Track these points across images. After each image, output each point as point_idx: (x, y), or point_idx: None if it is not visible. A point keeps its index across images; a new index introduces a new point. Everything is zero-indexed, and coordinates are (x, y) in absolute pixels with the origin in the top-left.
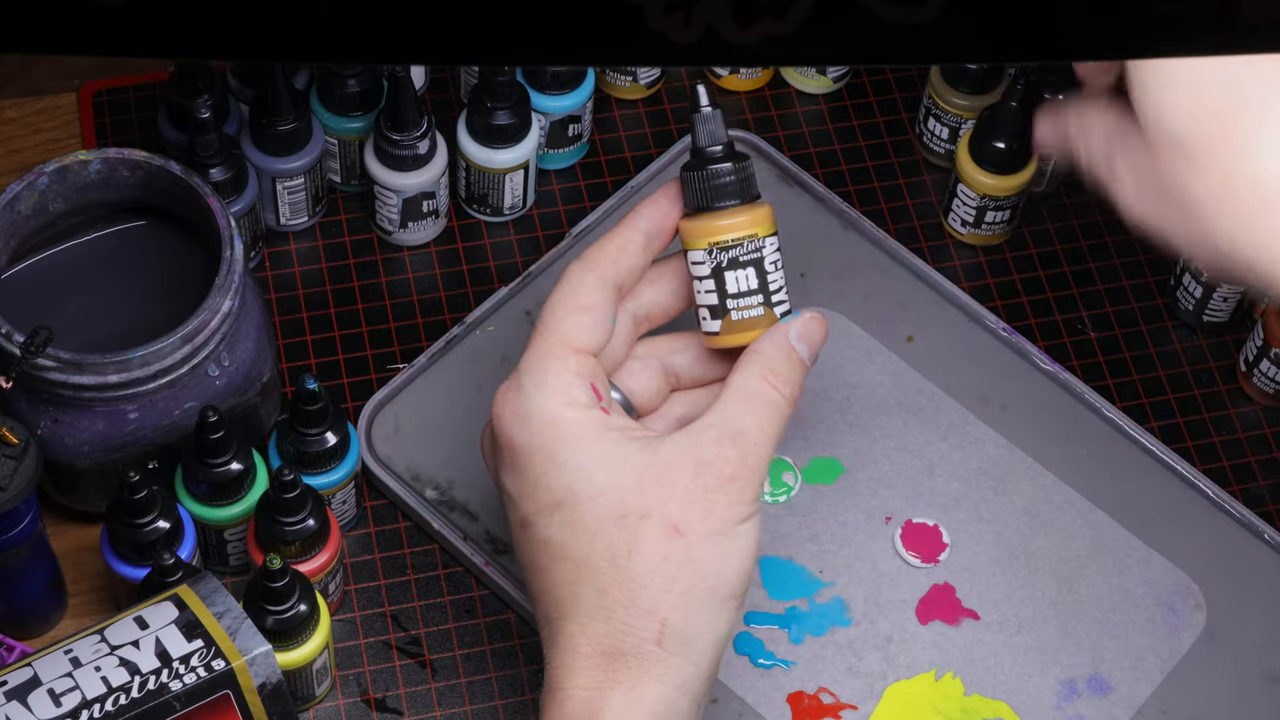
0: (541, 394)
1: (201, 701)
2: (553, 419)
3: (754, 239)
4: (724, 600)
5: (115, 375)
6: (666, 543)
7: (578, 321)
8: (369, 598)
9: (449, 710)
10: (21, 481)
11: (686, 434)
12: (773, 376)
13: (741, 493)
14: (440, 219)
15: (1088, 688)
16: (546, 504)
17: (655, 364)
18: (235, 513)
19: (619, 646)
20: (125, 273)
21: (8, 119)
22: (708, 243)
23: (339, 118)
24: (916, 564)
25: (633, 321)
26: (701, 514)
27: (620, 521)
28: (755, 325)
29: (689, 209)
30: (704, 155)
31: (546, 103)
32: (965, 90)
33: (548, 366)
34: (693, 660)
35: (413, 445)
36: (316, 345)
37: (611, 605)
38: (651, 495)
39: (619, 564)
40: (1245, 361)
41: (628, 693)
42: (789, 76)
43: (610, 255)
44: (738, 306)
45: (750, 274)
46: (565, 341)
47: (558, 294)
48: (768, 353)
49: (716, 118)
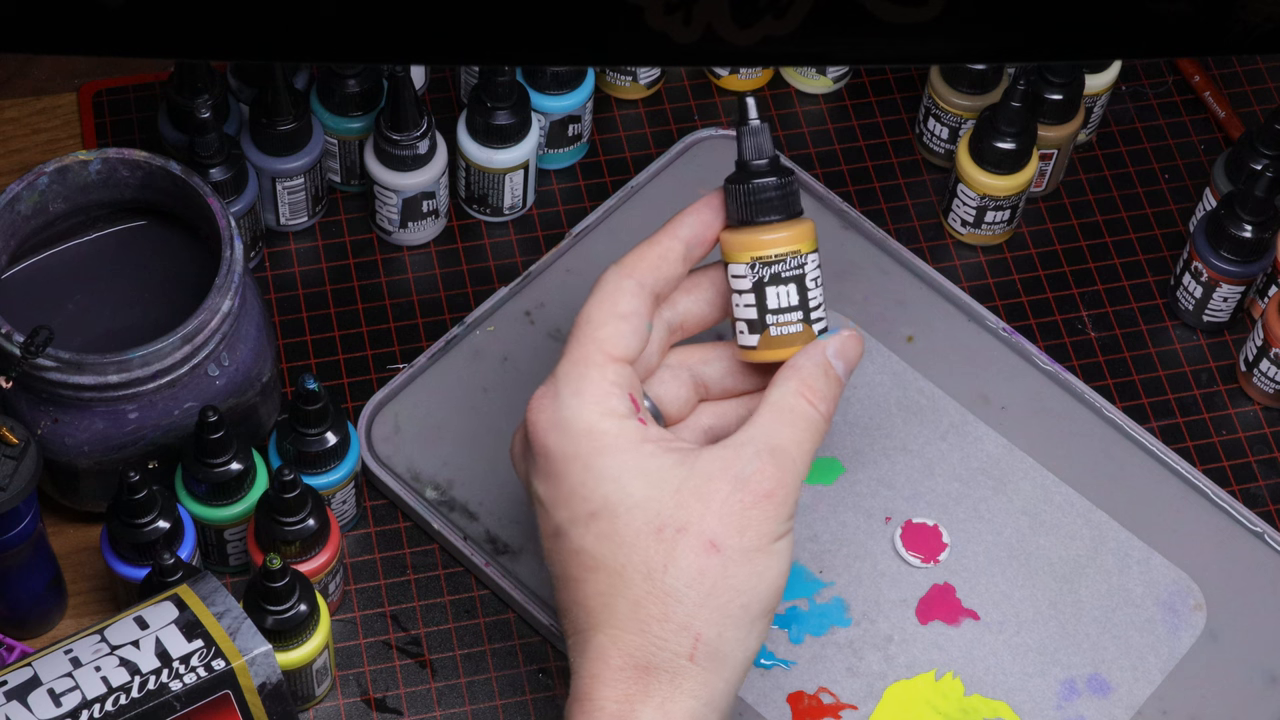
0: (579, 402)
1: (201, 701)
2: (589, 428)
3: (797, 255)
4: (757, 618)
5: (115, 375)
6: (703, 557)
7: (616, 329)
8: (369, 598)
9: (449, 710)
10: (21, 481)
11: (724, 448)
12: (811, 393)
13: (779, 509)
14: (440, 219)
15: (1088, 688)
16: (582, 514)
17: (686, 374)
18: (235, 513)
19: (652, 660)
20: (125, 273)
21: (8, 119)
22: (750, 256)
23: (339, 118)
24: (916, 564)
25: (667, 330)
26: (739, 529)
27: (657, 535)
28: (793, 342)
29: (732, 221)
30: (749, 169)
31: (546, 103)
32: (965, 90)
33: (585, 374)
34: (723, 676)
35: (413, 445)
36: (316, 345)
37: (645, 619)
38: (689, 509)
39: (654, 578)
40: (1245, 361)
41: (659, 707)
42: (789, 76)
43: (650, 262)
44: (777, 322)
45: (792, 290)
46: (603, 349)
47: (595, 300)
48: (806, 369)
49: (764, 131)
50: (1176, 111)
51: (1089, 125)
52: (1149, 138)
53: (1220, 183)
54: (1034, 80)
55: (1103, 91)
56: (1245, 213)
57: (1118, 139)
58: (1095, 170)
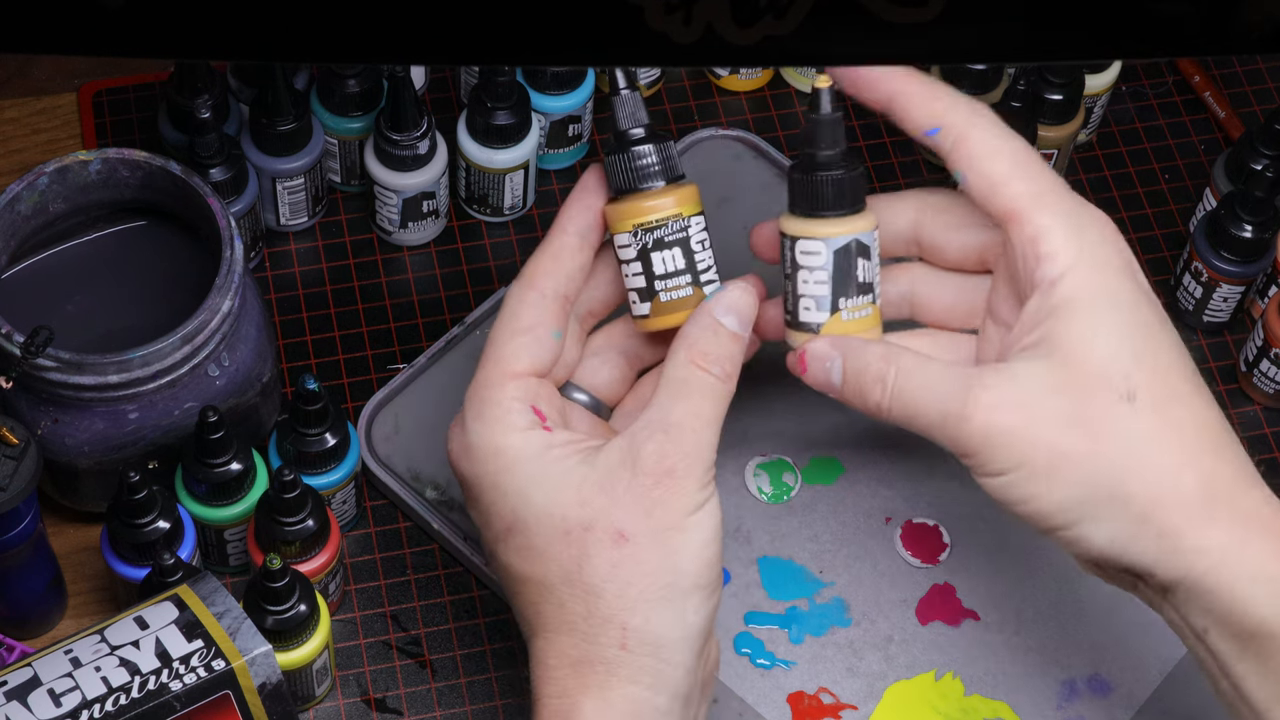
0: (480, 425)
1: (201, 701)
2: (494, 449)
3: (679, 219)
4: (686, 593)
5: (115, 375)
6: (613, 550)
7: (516, 345)
8: (369, 598)
9: (449, 710)
10: (21, 481)
11: (622, 437)
12: (701, 359)
13: (682, 484)
14: (440, 219)
15: (1088, 688)
16: (500, 531)
17: (613, 355)
18: (235, 513)
19: (585, 655)
20: (125, 273)
21: (8, 119)
22: (632, 224)
23: (339, 118)
24: (916, 564)
25: (577, 322)
26: (644, 513)
27: (565, 538)
28: (684, 305)
29: (612, 193)
30: (625, 137)
31: (546, 103)
32: (965, 90)
33: (485, 396)
34: (663, 658)
35: (413, 445)
36: (316, 345)
37: (572, 619)
38: (593, 505)
39: (572, 579)
40: (1245, 361)
41: (598, 695)
42: (789, 76)
43: (545, 267)
44: (665, 288)
45: (677, 254)
46: (502, 369)
47: (498, 320)
48: (692, 334)
49: (635, 99)
50: (1176, 111)
51: (1089, 125)
52: (1149, 138)
53: (1220, 183)
54: (1034, 80)
55: (1103, 91)
56: (1245, 213)
57: (1118, 139)
58: (1095, 170)
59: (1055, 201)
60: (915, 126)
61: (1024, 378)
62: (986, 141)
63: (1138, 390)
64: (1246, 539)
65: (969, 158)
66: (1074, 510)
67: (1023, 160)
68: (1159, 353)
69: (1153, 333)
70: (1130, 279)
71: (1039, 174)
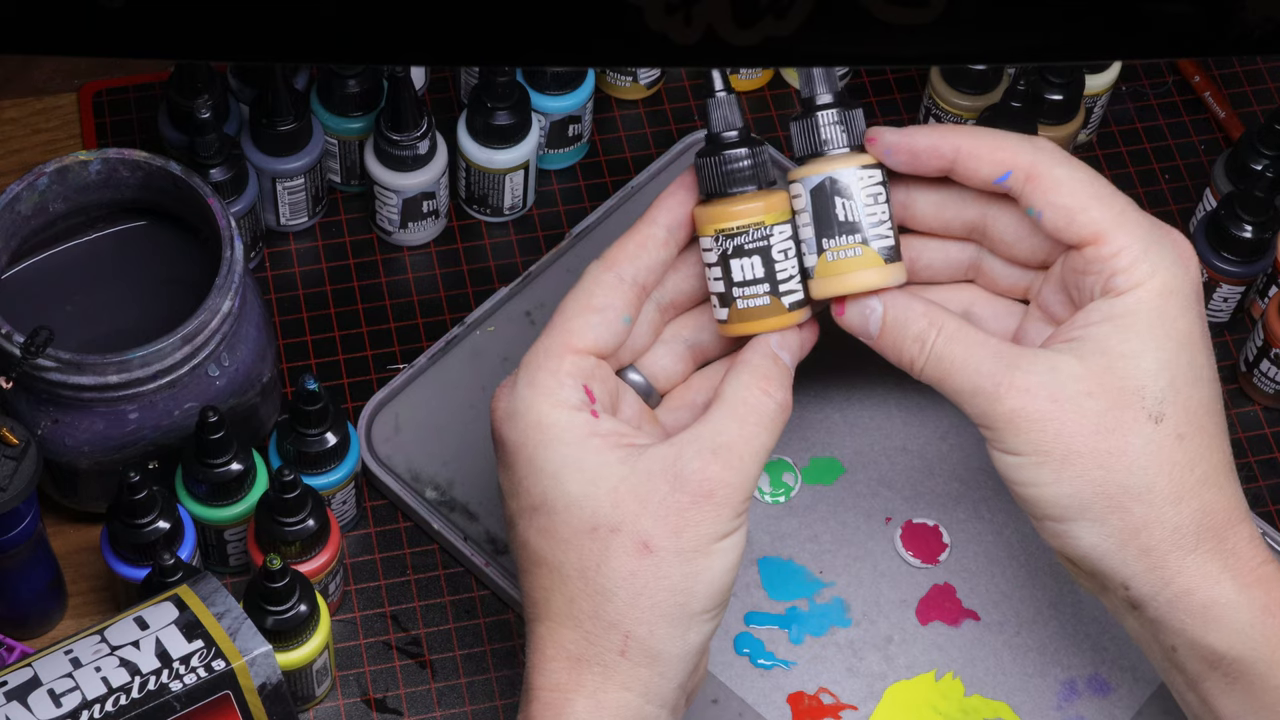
0: (531, 393)
1: (202, 702)
2: (538, 420)
3: (760, 227)
4: (694, 615)
5: (115, 375)
6: (635, 559)
7: (585, 322)
8: (369, 598)
9: (449, 710)
10: (21, 481)
11: (670, 445)
12: (766, 382)
13: (719, 510)
14: (440, 219)
15: (1088, 688)
16: (526, 506)
17: (680, 345)
18: (235, 513)
19: (585, 654)
20: (125, 273)
21: (8, 119)
22: (714, 229)
23: (339, 118)
24: (916, 564)
25: (657, 309)
26: (675, 530)
27: (591, 534)
28: (762, 315)
29: (702, 195)
30: (717, 141)
31: (546, 103)
32: (965, 91)
33: (543, 364)
34: (659, 671)
35: (413, 445)
36: (316, 345)
37: (579, 615)
38: (624, 509)
39: (587, 576)
40: (1245, 361)
41: (591, 696)
42: (789, 76)
43: (629, 253)
44: (743, 295)
45: (756, 262)
46: (566, 341)
47: (572, 293)
48: (754, 361)
49: (731, 102)
50: (1176, 111)
51: (1089, 125)
52: (1149, 138)
53: (1220, 183)
54: (1034, 80)
55: (1103, 91)
56: (1245, 213)
57: (1118, 139)
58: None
59: (1133, 222)
60: (984, 179)
61: (1063, 372)
62: (1055, 175)
63: (1166, 414)
64: (1223, 571)
65: (1042, 193)
66: (1072, 508)
67: (1094, 188)
68: (1196, 386)
69: (1196, 366)
70: (1192, 308)
71: (1111, 198)
